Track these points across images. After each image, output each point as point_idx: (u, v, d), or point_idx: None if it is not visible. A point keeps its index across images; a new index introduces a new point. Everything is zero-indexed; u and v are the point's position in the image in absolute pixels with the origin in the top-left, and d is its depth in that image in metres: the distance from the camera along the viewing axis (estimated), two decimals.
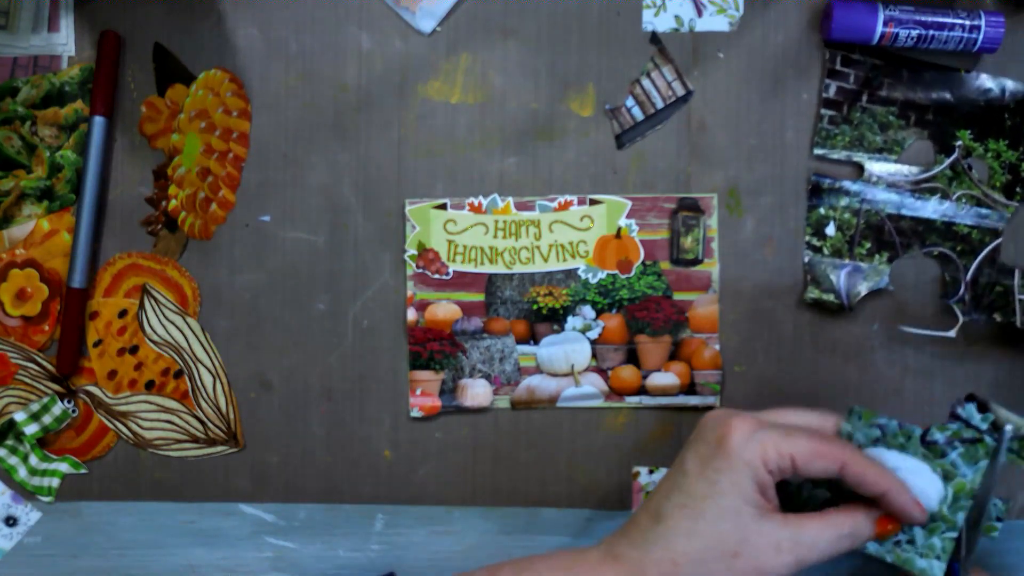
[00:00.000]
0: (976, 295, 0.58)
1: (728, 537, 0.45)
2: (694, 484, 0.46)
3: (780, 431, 0.47)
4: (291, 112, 0.60)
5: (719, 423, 0.47)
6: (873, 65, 0.58)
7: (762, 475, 0.46)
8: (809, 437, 0.46)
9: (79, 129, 0.61)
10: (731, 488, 0.46)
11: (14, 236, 0.61)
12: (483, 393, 0.60)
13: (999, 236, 0.58)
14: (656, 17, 0.59)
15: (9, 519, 0.61)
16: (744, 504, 0.46)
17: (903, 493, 0.47)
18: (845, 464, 0.46)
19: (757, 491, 0.46)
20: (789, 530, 0.46)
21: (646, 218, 0.60)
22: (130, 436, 0.61)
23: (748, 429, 0.46)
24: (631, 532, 0.48)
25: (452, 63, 0.60)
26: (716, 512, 0.45)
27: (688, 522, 0.46)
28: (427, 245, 0.60)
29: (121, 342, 0.61)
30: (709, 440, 0.47)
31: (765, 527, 0.45)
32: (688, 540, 0.46)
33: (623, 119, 0.60)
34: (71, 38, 0.61)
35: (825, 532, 0.46)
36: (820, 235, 0.59)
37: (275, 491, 0.61)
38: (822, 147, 0.59)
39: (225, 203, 0.60)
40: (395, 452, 0.61)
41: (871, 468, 0.47)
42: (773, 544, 0.45)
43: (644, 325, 0.60)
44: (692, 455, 0.48)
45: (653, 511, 0.47)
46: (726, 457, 0.46)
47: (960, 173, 0.58)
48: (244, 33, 0.60)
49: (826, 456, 0.46)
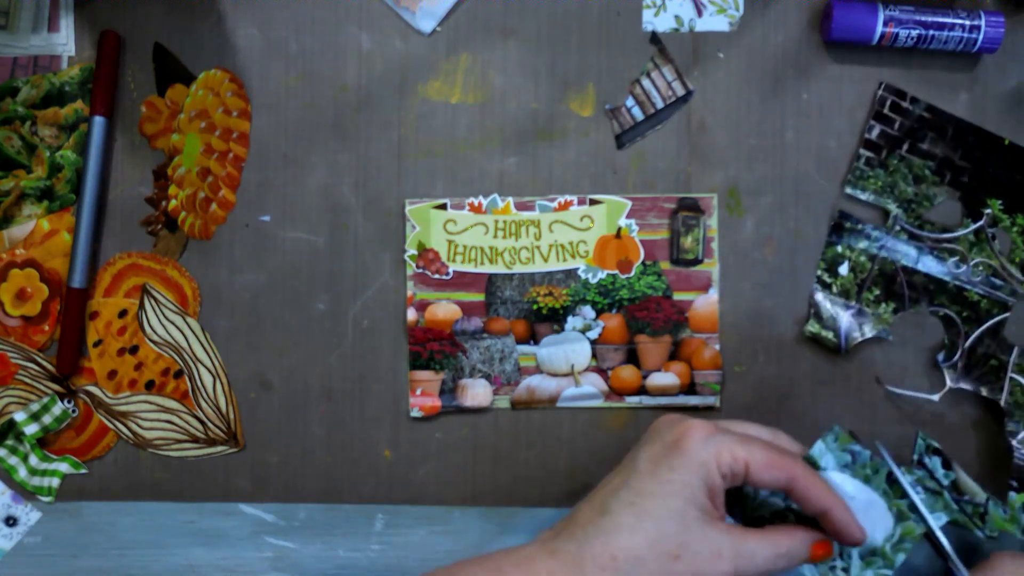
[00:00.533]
0: (969, 364, 0.58)
1: (671, 538, 0.45)
2: (644, 482, 0.46)
3: (737, 437, 0.47)
4: (291, 112, 0.60)
5: (675, 425, 0.48)
6: (921, 116, 0.58)
7: (714, 478, 0.46)
8: (764, 447, 0.47)
9: (79, 129, 0.61)
10: (681, 488, 0.46)
11: (14, 236, 0.61)
12: (483, 393, 0.60)
13: (1007, 310, 0.58)
14: (656, 17, 0.59)
15: (9, 519, 0.61)
16: (691, 507, 0.45)
17: (844, 512, 0.47)
18: (794, 478, 0.47)
19: (706, 495, 0.46)
20: (731, 540, 0.46)
21: (646, 218, 0.60)
22: (130, 436, 0.61)
23: (705, 432, 0.47)
24: (570, 527, 0.47)
25: (452, 63, 0.60)
26: (663, 511, 0.45)
27: (633, 519, 0.45)
28: (427, 245, 0.60)
29: (121, 342, 0.61)
30: (665, 440, 0.47)
31: (708, 533, 0.45)
32: (631, 536, 0.45)
33: (623, 119, 0.60)
34: (71, 38, 0.61)
35: (764, 548, 0.46)
36: (832, 272, 0.59)
37: (275, 491, 0.61)
38: (853, 187, 0.59)
39: (225, 203, 0.60)
40: (395, 452, 0.61)
41: (817, 486, 0.47)
42: (714, 551, 0.45)
43: (644, 325, 0.60)
44: (645, 454, 0.47)
45: (598, 505, 0.47)
46: (680, 456, 0.46)
47: (983, 240, 0.58)
48: (244, 33, 0.60)
49: (778, 467, 0.46)
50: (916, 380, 0.59)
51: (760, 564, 0.46)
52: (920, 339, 0.59)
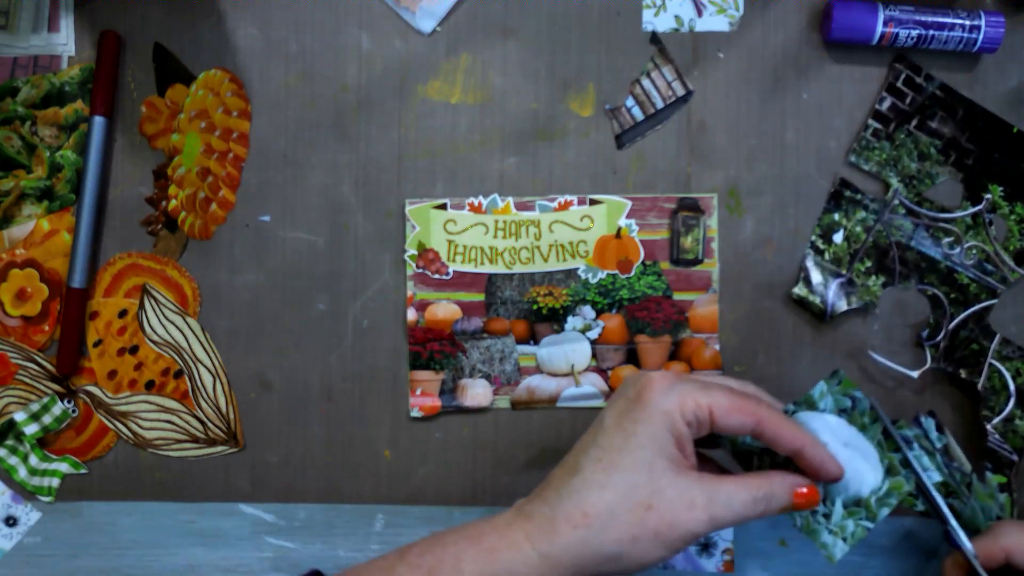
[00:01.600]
0: (951, 346, 0.59)
1: (641, 489, 0.45)
2: (610, 437, 0.46)
3: (698, 384, 0.47)
4: (291, 112, 0.60)
5: (638, 379, 0.48)
6: (934, 94, 0.58)
7: (680, 427, 0.46)
8: (727, 392, 0.47)
9: (79, 129, 0.61)
10: (648, 440, 0.45)
11: (14, 236, 0.61)
12: (483, 393, 0.60)
13: (995, 297, 0.59)
14: (656, 17, 0.59)
15: (9, 519, 0.61)
16: (659, 457, 0.45)
17: (817, 449, 0.47)
18: (760, 420, 0.46)
19: (674, 444, 0.46)
20: (703, 487, 0.45)
21: (646, 218, 0.60)
22: (130, 436, 0.61)
23: (667, 383, 0.47)
24: (544, 491, 0.47)
25: (452, 63, 0.60)
26: (630, 463, 0.45)
27: (601, 474, 0.45)
28: (427, 245, 0.60)
29: (121, 342, 0.61)
30: (628, 395, 0.47)
31: (680, 482, 0.45)
32: (600, 492, 0.45)
33: (623, 119, 0.60)
34: (71, 38, 0.61)
35: (740, 493, 0.46)
36: (827, 239, 0.59)
37: (275, 491, 0.61)
38: (857, 156, 0.59)
39: (225, 203, 0.60)
40: (395, 452, 0.61)
41: (785, 426, 0.47)
42: (687, 499, 0.45)
43: (644, 325, 0.60)
44: (610, 411, 0.48)
45: (569, 467, 0.47)
46: (644, 408, 0.46)
47: (979, 225, 0.58)
48: (244, 33, 0.60)
49: (743, 411, 0.46)
50: (897, 356, 0.59)
51: (738, 510, 0.46)
52: (905, 316, 0.59)
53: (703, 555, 0.60)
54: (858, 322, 0.59)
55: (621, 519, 0.45)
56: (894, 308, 0.59)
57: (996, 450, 0.58)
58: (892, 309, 0.59)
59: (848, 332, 0.59)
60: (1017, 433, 0.58)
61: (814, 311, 0.59)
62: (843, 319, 0.59)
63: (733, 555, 0.60)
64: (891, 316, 0.59)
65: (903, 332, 0.59)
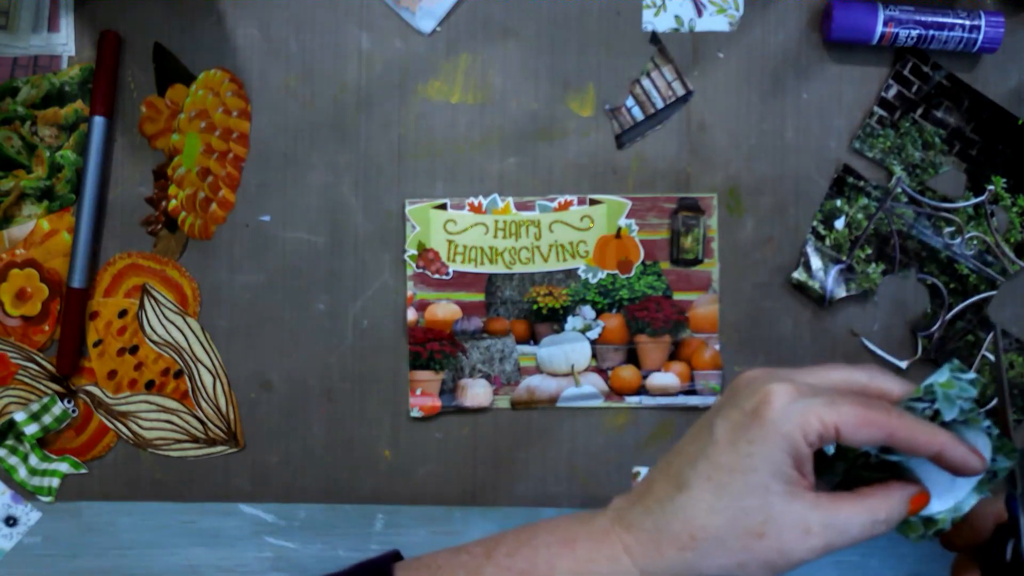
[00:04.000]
0: (946, 336, 0.59)
1: (753, 515, 0.42)
2: (723, 454, 0.42)
3: (823, 399, 0.42)
4: (291, 112, 0.60)
5: (755, 389, 0.43)
6: (940, 84, 0.58)
7: (801, 449, 0.42)
8: (854, 404, 0.42)
9: (79, 129, 0.61)
10: (763, 463, 0.42)
11: (14, 236, 0.61)
12: (483, 393, 0.60)
13: (994, 288, 0.59)
14: (656, 17, 0.59)
15: (9, 519, 0.61)
16: (775, 481, 0.42)
17: (958, 447, 0.43)
18: (892, 431, 0.42)
19: (792, 466, 0.42)
20: (821, 513, 0.42)
21: (646, 218, 0.60)
22: (130, 436, 0.61)
23: (788, 397, 0.42)
24: (646, 499, 0.44)
25: (452, 63, 0.60)
26: (744, 487, 0.42)
27: (712, 496, 0.42)
28: (427, 245, 0.60)
29: (121, 342, 0.61)
30: (744, 408, 0.43)
31: (795, 507, 0.42)
32: (710, 515, 0.42)
33: (623, 119, 0.60)
34: (71, 38, 0.61)
35: (859, 516, 0.42)
36: (828, 225, 0.59)
37: (275, 491, 0.61)
38: (861, 142, 0.59)
39: (225, 203, 0.60)
40: (395, 452, 0.61)
41: (920, 431, 0.42)
42: (802, 526, 0.42)
43: (644, 325, 0.60)
44: (723, 421, 0.43)
45: (675, 478, 0.44)
46: (761, 427, 0.42)
47: (981, 216, 0.58)
48: (244, 33, 0.60)
49: (873, 424, 0.42)
50: (891, 345, 0.59)
51: (856, 535, 0.42)
52: (903, 304, 0.59)
53: None
54: (857, 310, 0.59)
55: (730, 545, 0.42)
56: (893, 296, 0.59)
57: None
58: (891, 297, 0.59)
59: (847, 320, 0.59)
60: None
61: (813, 296, 0.59)
62: (842, 305, 0.59)
63: None
64: (890, 304, 0.59)
65: (898, 321, 0.59)
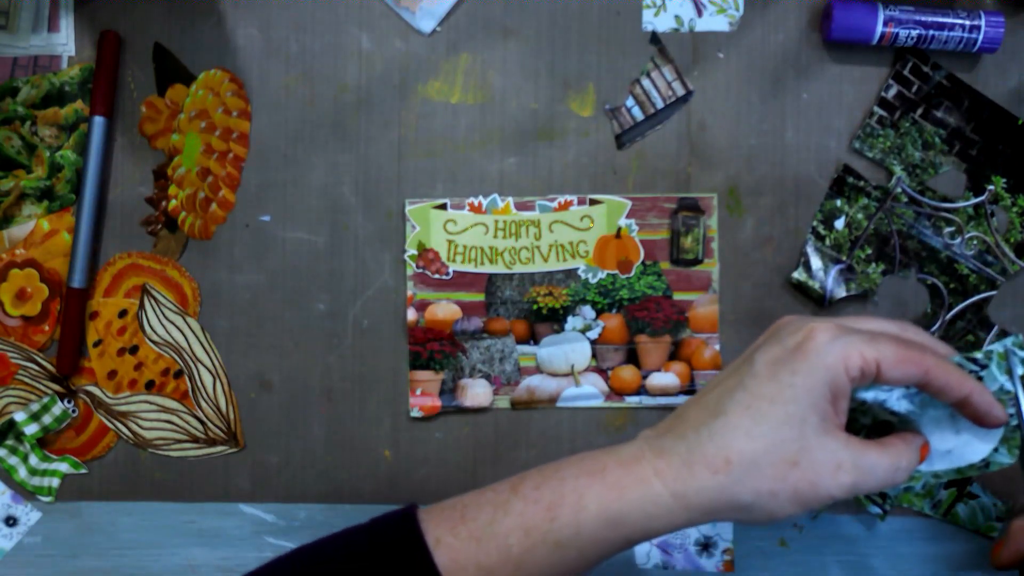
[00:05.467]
0: (946, 336, 0.59)
1: (789, 444, 0.42)
2: (763, 385, 0.43)
3: (865, 336, 0.43)
4: (291, 112, 0.60)
5: (798, 327, 0.44)
6: (940, 84, 0.58)
7: (841, 382, 0.43)
8: (894, 343, 0.43)
9: (79, 129, 0.61)
10: (804, 395, 0.42)
11: (14, 236, 0.61)
12: (483, 393, 0.60)
13: (995, 288, 0.59)
14: (656, 17, 0.59)
15: (9, 519, 0.61)
16: (812, 414, 0.43)
17: (984, 394, 0.44)
18: (928, 370, 0.43)
19: (830, 401, 0.43)
20: (851, 452, 0.43)
21: (646, 218, 0.60)
22: (130, 436, 0.61)
23: (831, 334, 0.43)
24: (678, 426, 0.45)
25: (452, 63, 0.60)
26: (782, 416, 0.42)
27: (749, 422, 0.43)
28: (427, 245, 0.60)
29: (121, 342, 0.61)
30: (786, 343, 0.44)
31: (828, 442, 0.43)
32: (747, 439, 0.42)
33: (623, 119, 0.60)
34: (71, 38, 0.61)
35: (884, 460, 0.44)
36: (828, 225, 0.59)
37: (275, 491, 0.61)
38: (861, 142, 0.59)
39: (225, 203, 0.60)
40: (395, 452, 0.61)
41: (953, 374, 0.44)
42: (835, 462, 0.43)
43: (644, 325, 0.60)
44: (764, 355, 0.44)
45: (712, 406, 0.44)
46: (805, 360, 0.43)
47: (981, 216, 0.58)
48: (244, 33, 0.60)
49: (910, 361, 0.43)
50: None
51: (880, 477, 0.44)
52: (903, 304, 0.59)
53: (703, 555, 0.60)
54: (857, 309, 0.59)
55: (764, 472, 0.42)
56: (893, 296, 0.59)
57: None
58: (891, 297, 0.59)
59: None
60: None
61: (813, 296, 0.59)
62: (841, 306, 0.59)
63: (733, 555, 0.60)
64: (890, 304, 0.59)
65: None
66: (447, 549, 0.44)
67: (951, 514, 0.59)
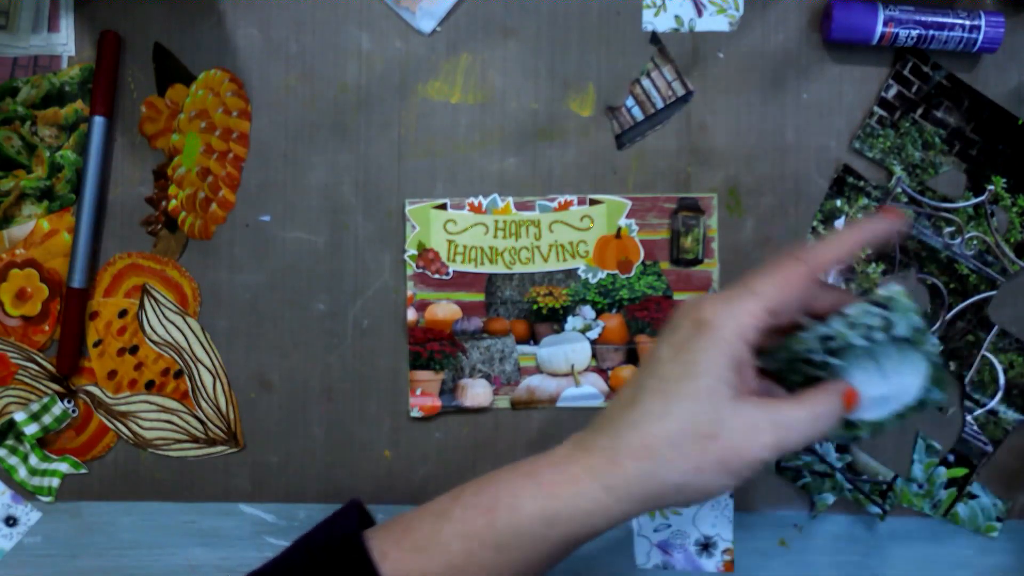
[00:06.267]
0: (945, 336, 0.59)
1: (703, 418, 0.43)
2: (668, 368, 0.44)
3: (743, 291, 0.45)
4: (291, 112, 0.60)
5: (691, 309, 0.46)
6: (940, 84, 0.58)
7: (741, 351, 0.44)
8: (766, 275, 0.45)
9: (79, 129, 0.61)
10: (708, 368, 0.44)
11: (14, 236, 0.61)
12: (483, 393, 0.60)
13: (994, 288, 0.59)
14: (656, 17, 0.59)
15: (9, 519, 0.61)
16: (720, 384, 0.44)
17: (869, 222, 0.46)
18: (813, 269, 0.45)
19: (734, 370, 0.44)
20: (766, 411, 0.44)
21: (646, 218, 0.60)
22: (130, 436, 0.61)
23: (721, 304, 0.45)
24: (600, 423, 0.46)
25: (452, 63, 0.60)
26: (691, 391, 0.44)
27: (661, 405, 0.44)
28: (427, 245, 0.60)
29: (121, 342, 0.61)
30: (683, 326, 0.45)
31: (742, 408, 0.44)
32: (662, 422, 0.44)
33: (623, 119, 0.60)
34: (71, 38, 0.61)
35: (801, 412, 0.44)
36: (828, 225, 0.59)
37: (275, 491, 0.61)
38: (861, 142, 0.59)
39: (225, 203, 0.60)
40: (395, 452, 0.61)
41: (830, 244, 0.46)
42: (751, 426, 0.43)
43: (644, 325, 0.60)
44: (666, 343, 0.46)
45: (628, 399, 0.45)
46: (701, 337, 0.44)
47: (981, 216, 0.59)
48: (244, 33, 0.60)
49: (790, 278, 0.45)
50: None
51: (803, 430, 0.44)
52: None
53: (703, 555, 0.60)
54: None
55: (684, 449, 0.43)
56: None
57: (969, 440, 0.58)
58: None
59: None
60: (999, 425, 0.58)
61: None
62: None
63: (733, 555, 0.60)
64: None
65: None
66: (393, 562, 0.46)
67: (951, 514, 0.59)
